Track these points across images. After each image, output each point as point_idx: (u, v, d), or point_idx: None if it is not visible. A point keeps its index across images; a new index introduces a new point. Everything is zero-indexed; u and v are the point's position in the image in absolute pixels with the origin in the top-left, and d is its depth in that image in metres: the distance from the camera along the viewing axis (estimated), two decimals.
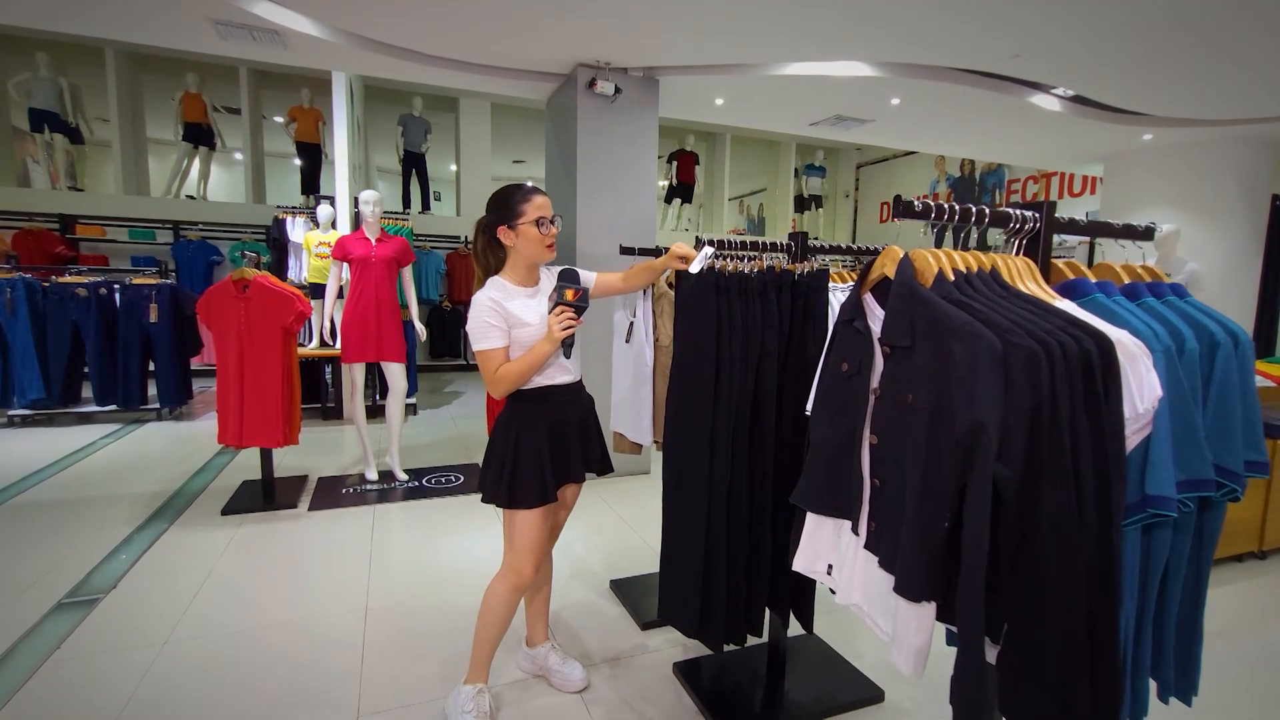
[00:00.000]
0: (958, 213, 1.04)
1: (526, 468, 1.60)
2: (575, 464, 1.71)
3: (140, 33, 3.43)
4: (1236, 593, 2.58)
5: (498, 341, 1.56)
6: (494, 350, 1.56)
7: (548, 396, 1.64)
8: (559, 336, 1.53)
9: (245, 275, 3.04)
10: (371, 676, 1.91)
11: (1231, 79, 3.64)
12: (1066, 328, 0.89)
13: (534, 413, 1.63)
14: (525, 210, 1.57)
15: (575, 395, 1.72)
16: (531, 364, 1.55)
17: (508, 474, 1.59)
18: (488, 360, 1.57)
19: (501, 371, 1.56)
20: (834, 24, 3.12)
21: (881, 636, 1.06)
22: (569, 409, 1.69)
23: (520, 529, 1.63)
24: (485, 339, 1.56)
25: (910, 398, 0.95)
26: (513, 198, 1.59)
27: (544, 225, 1.57)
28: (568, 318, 1.53)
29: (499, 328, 1.55)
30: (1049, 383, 0.85)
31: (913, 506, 0.92)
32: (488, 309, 1.55)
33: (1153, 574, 1.02)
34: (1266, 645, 2.20)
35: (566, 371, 1.67)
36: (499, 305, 1.55)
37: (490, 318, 1.55)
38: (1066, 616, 0.84)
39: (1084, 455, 0.86)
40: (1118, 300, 1.05)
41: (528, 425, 1.62)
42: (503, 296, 1.57)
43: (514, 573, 1.64)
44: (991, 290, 0.98)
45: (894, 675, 1.93)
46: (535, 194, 1.59)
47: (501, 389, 1.59)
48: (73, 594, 2.35)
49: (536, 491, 1.60)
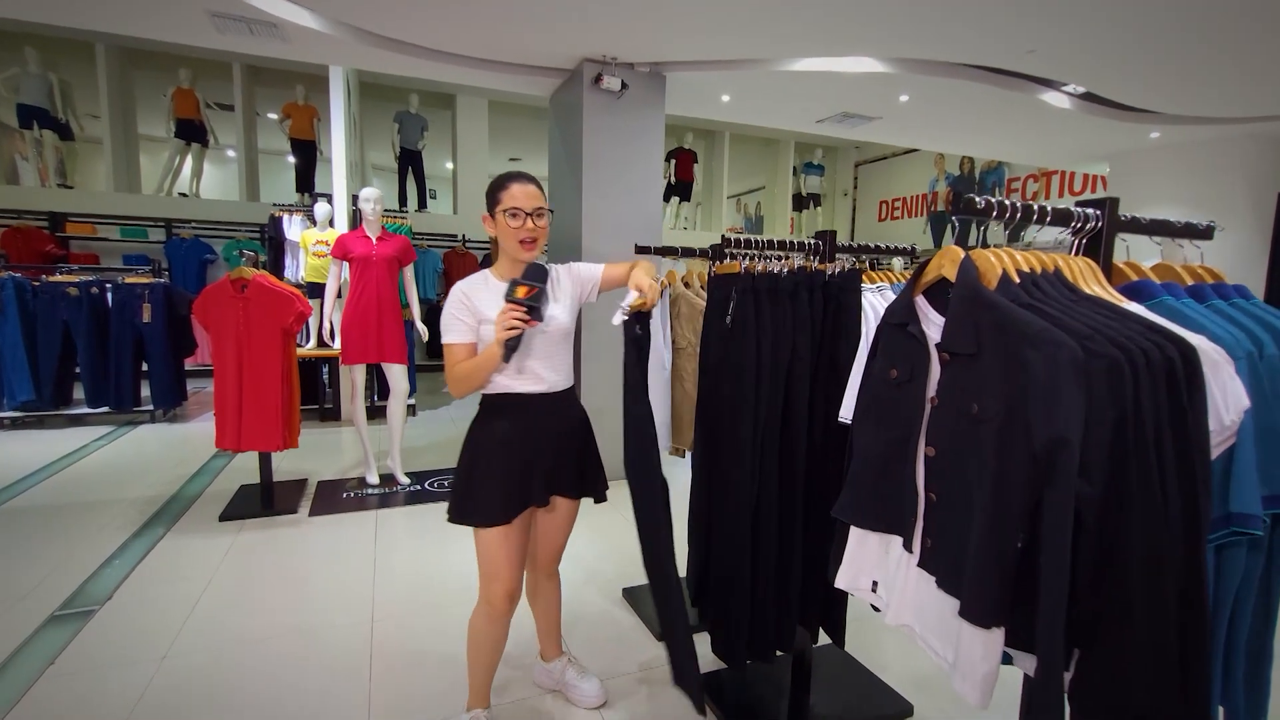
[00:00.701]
0: (1020, 211, 0.98)
1: (483, 482, 1.47)
2: (540, 484, 1.51)
3: (136, 26, 3.33)
4: None
5: (461, 336, 1.45)
6: (456, 346, 1.46)
7: (513, 405, 1.49)
8: (500, 337, 1.36)
9: (244, 275, 2.96)
10: (380, 692, 1.84)
11: (1241, 76, 3.61)
12: (1147, 334, 0.83)
13: (494, 421, 1.50)
14: (500, 199, 1.46)
15: (554, 406, 1.53)
16: (479, 366, 1.42)
17: (462, 487, 1.48)
18: (449, 355, 1.47)
19: (457, 369, 1.45)
20: (847, 19, 3.06)
21: (938, 661, 1.00)
22: (543, 420, 1.51)
23: (481, 551, 1.52)
24: (449, 332, 1.46)
25: (976, 408, 0.89)
26: (497, 184, 1.48)
27: (516, 216, 1.44)
28: (514, 318, 1.36)
29: (465, 322, 1.45)
30: (1133, 394, 0.79)
31: (982, 525, 0.86)
32: (456, 301, 1.46)
33: (1224, 596, 0.97)
34: None
35: (539, 379, 1.50)
36: (467, 298, 1.46)
37: (457, 310, 1.46)
38: (1155, 643, 0.78)
39: (1169, 471, 0.80)
40: (1186, 303, 0.99)
41: (486, 435, 1.50)
42: (475, 290, 1.47)
43: (484, 600, 1.54)
44: (1060, 293, 0.92)
45: (922, 688, 1.87)
46: (515, 181, 1.46)
47: (456, 388, 1.47)
48: (67, 605, 2.26)
49: (490, 510, 1.46)
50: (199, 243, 6.78)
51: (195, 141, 7.13)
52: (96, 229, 6.72)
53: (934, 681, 1.92)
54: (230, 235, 7.01)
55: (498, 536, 1.49)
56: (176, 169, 7.17)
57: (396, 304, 3.49)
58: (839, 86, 4.02)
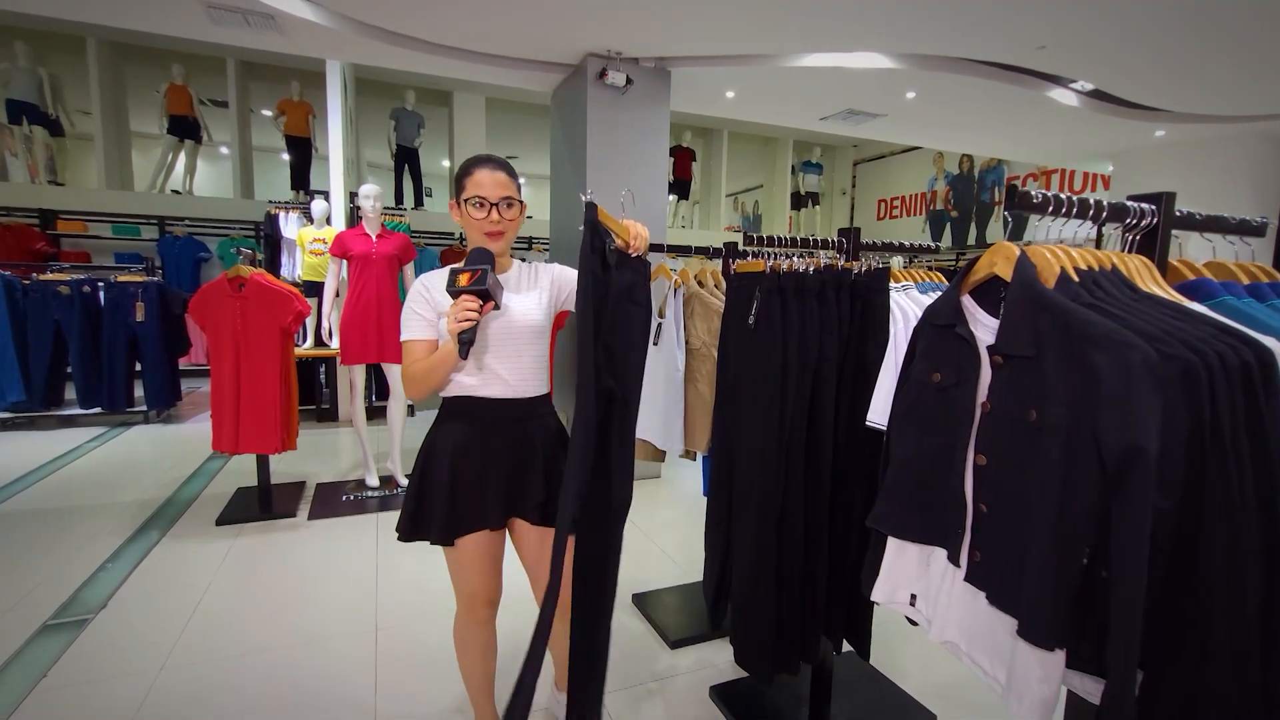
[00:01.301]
0: (1076, 205, 0.92)
1: (432, 494, 1.34)
2: (495, 504, 1.35)
3: (130, 19, 3.25)
4: None
5: (418, 332, 1.32)
6: (412, 342, 1.33)
7: (472, 409, 1.34)
8: (452, 330, 1.21)
9: (242, 273, 2.88)
10: (387, 704, 1.78)
11: (1248, 74, 3.58)
12: (1219, 336, 0.78)
13: (450, 426, 1.36)
14: (464, 186, 1.33)
15: (519, 414, 1.37)
16: (436, 364, 1.29)
17: (411, 499, 1.36)
18: (405, 353, 1.33)
19: (413, 368, 1.31)
20: (856, 13, 3.01)
21: (987, 681, 0.95)
22: (504, 432, 1.35)
23: (453, 570, 1.41)
24: (406, 328, 1.34)
25: (1034, 415, 0.84)
26: (462, 170, 1.35)
27: (479, 206, 1.30)
28: (465, 309, 1.20)
29: (423, 317, 1.33)
30: (1209, 400, 0.73)
31: (1043, 540, 0.81)
32: (415, 294, 1.34)
33: None
34: None
35: (502, 381, 1.34)
36: (427, 290, 1.34)
37: (415, 304, 1.34)
38: (1237, 668, 0.73)
39: (1247, 482, 0.75)
40: (1248, 302, 0.94)
41: (440, 441, 1.36)
42: (437, 283, 1.34)
43: (460, 606, 1.45)
44: (1123, 293, 0.86)
45: (944, 697, 1.83)
46: (481, 167, 1.32)
47: (411, 389, 1.34)
48: (59, 615, 2.19)
49: (435, 527, 1.33)
50: (193, 241, 6.69)
51: (188, 138, 7.03)
52: (88, 226, 6.61)
53: (956, 690, 1.87)
54: (225, 233, 6.92)
55: (457, 555, 1.38)
56: (170, 166, 7.07)
57: (396, 303, 3.42)
58: (845, 82, 3.98)
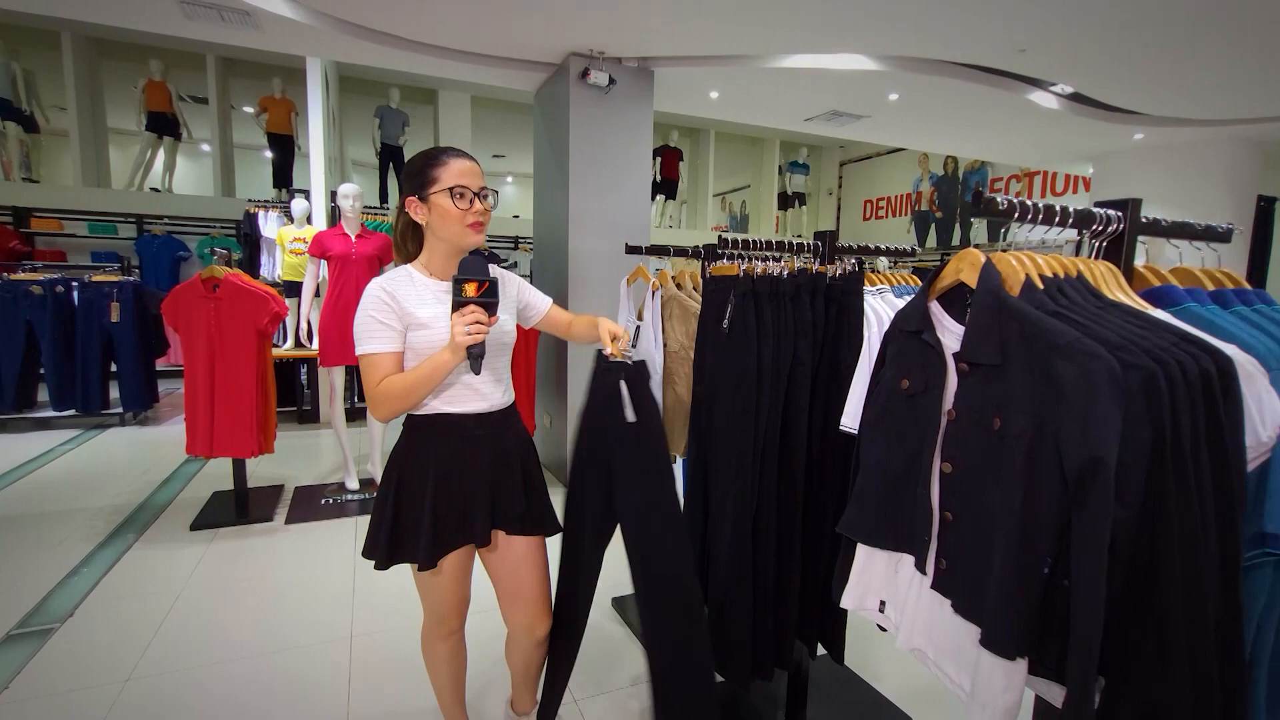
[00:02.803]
0: (1041, 212, 0.92)
1: (407, 521, 1.25)
2: (480, 521, 1.28)
3: (100, 12, 3.18)
4: None
5: (385, 344, 1.20)
6: (378, 356, 1.19)
7: (447, 428, 1.26)
8: (462, 343, 1.13)
9: (216, 274, 2.83)
10: (360, 710, 1.75)
11: (1223, 77, 3.62)
12: (1181, 345, 0.78)
13: (424, 448, 1.26)
14: (439, 176, 1.21)
15: (497, 428, 1.30)
16: (425, 378, 1.17)
17: (383, 524, 1.25)
18: (370, 369, 1.20)
19: (386, 385, 1.18)
20: (838, 14, 3.01)
21: (952, 688, 0.94)
22: (484, 444, 1.29)
23: (424, 591, 1.35)
24: (368, 340, 1.19)
25: (999, 423, 0.83)
26: (425, 162, 1.23)
27: (463, 196, 1.21)
28: (474, 319, 1.14)
29: (389, 327, 1.20)
30: (1170, 409, 0.73)
31: (1006, 549, 0.80)
32: (376, 302, 1.20)
33: (1248, 620, 0.92)
34: None
35: (479, 395, 1.27)
36: (392, 298, 1.20)
37: (377, 312, 1.19)
38: (1195, 674, 0.73)
39: (1206, 491, 0.75)
40: (1212, 309, 0.95)
41: (415, 464, 1.26)
42: (400, 287, 1.22)
43: (435, 634, 1.41)
44: (1087, 300, 0.86)
45: (921, 701, 1.83)
46: (455, 157, 1.24)
47: (384, 409, 1.20)
48: (24, 624, 2.14)
49: (415, 552, 1.25)
50: (172, 239, 6.58)
51: (167, 135, 6.90)
52: (63, 225, 6.48)
53: (932, 694, 1.88)
54: (204, 232, 6.81)
55: (439, 579, 1.32)
56: (148, 163, 6.95)
57: None
58: (829, 84, 3.98)
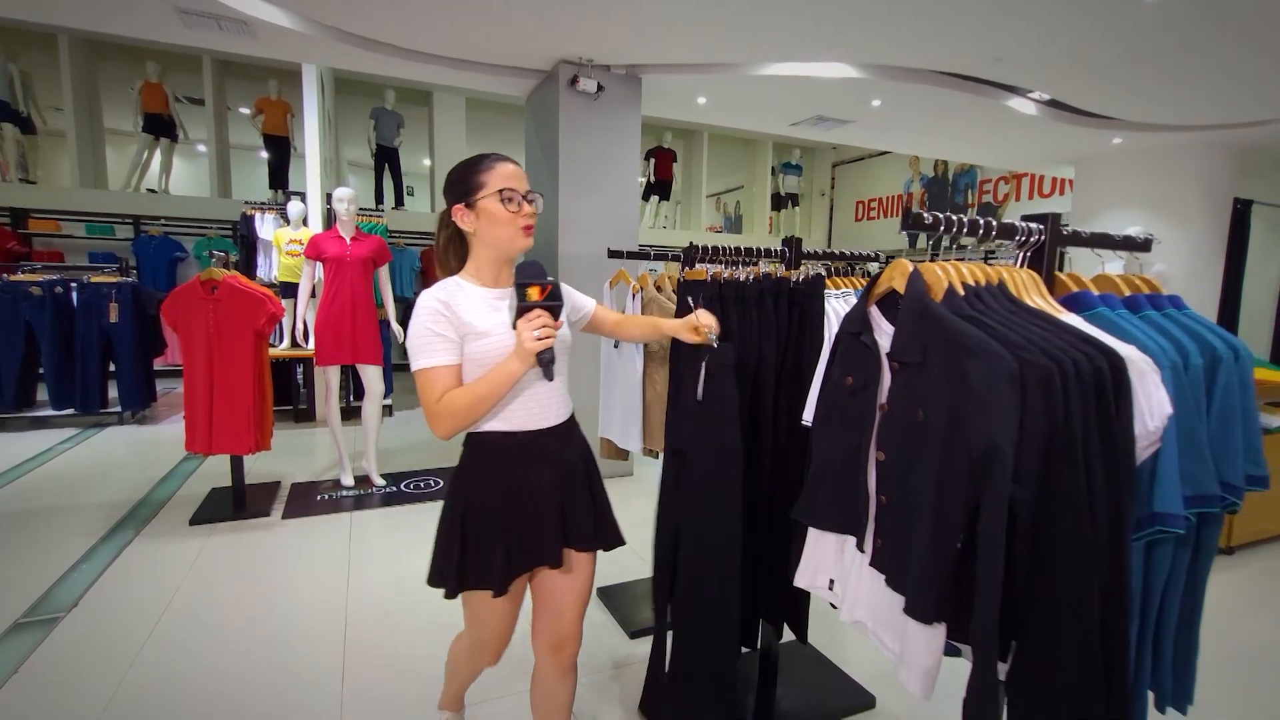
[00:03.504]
0: (965, 225, 1.02)
1: (476, 548, 1.19)
2: (552, 540, 1.23)
3: (101, 21, 3.27)
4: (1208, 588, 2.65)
5: (444, 357, 1.14)
6: (438, 370, 1.13)
7: (514, 445, 1.20)
8: (532, 349, 1.08)
9: (214, 276, 2.92)
10: (353, 699, 1.84)
11: (1197, 85, 3.74)
12: (1078, 344, 0.88)
13: (491, 468, 1.21)
14: (486, 181, 1.17)
15: (560, 443, 1.26)
16: (493, 390, 1.12)
17: (456, 553, 1.19)
18: (429, 384, 1.13)
19: (448, 400, 1.12)
20: (817, 25, 3.11)
21: (888, 655, 1.04)
22: (550, 462, 1.23)
23: (474, 615, 1.29)
24: (426, 354, 1.13)
25: (921, 415, 0.93)
26: (470, 169, 1.19)
27: (512, 200, 1.17)
28: (542, 323, 1.09)
29: (446, 338, 1.14)
30: (1063, 402, 0.83)
31: (924, 526, 0.91)
32: (431, 313, 1.14)
33: (1153, 589, 1.03)
34: (1237, 640, 2.26)
35: (543, 409, 1.22)
36: (448, 308, 1.15)
37: (435, 324, 1.14)
38: (1081, 637, 0.83)
39: (1097, 475, 0.85)
40: (1121, 314, 1.05)
41: (482, 486, 1.20)
42: (454, 296, 1.18)
43: (474, 651, 1.38)
44: (1002, 305, 0.96)
45: (885, 681, 1.93)
46: (499, 161, 1.20)
47: (447, 425, 1.14)
48: (30, 613, 2.23)
49: (489, 578, 1.20)
50: (168, 240, 6.65)
51: (164, 136, 6.97)
52: (61, 226, 6.55)
53: (895, 674, 1.98)
54: (201, 233, 6.89)
55: (493, 604, 1.24)
56: (145, 164, 7.02)
57: (371, 305, 3.48)
58: (812, 90, 4.08)
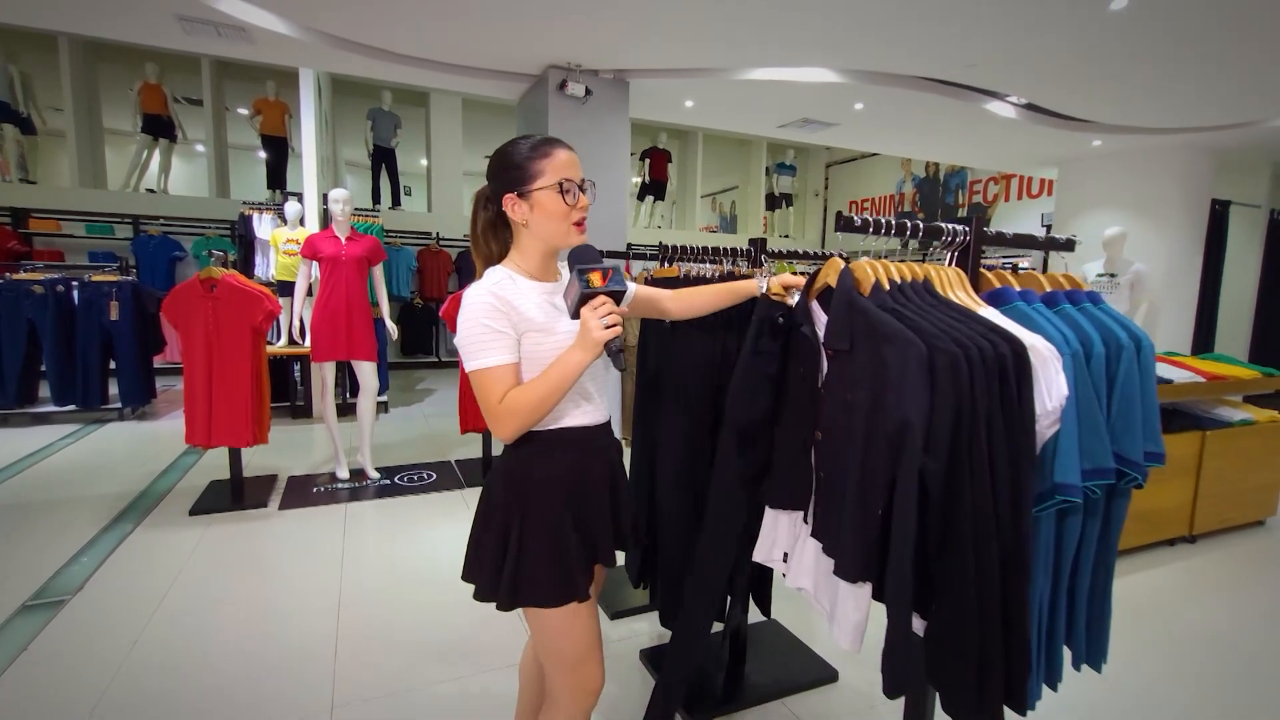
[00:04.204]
0: (894, 227, 1.13)
1: (541, 552, 1.08)
2: (606, 538, 1.16)
3: (103, 28, 3.37)
4: (1168, 574, 2.77)
5: (504, 355, 1.04)
6: (499, 369, 1.03)
7: (571, 442, 1.12)
8: (601, 338, 0.99)
9: (213, 274, 3.02)
10: (345, 670, 1.95)
11: (1165, 91, 3.85)
12: (986, 333, 0.99)
13: (552, 466, 1.11)
14: (543, 170, 1.07)
15: (608, 438, 1.20)
16: (557, 385, 1.02)
17: (511, 562, 1.08)
18: (491, 384, 1.03)
19: (512, 399, 1.03)
20: (798, 32, 3.22)
21: (823, 615, 1.15)
22: (601, 459, 1.17)
23: (557, 633, 1.11)
24: (484, 353, 1.03)
25: (850, 397, 1.04)
26: (525, 155, 1.08)
27: (570, 192, 1.07)
28: (609, 309, 1.01)
29: (505, 335, 1.04)
30: (968, 384, 0.94)
31: (851, 496, 1.01)
32: (487, 309, 1.04)
33: (1065, 554, 1.14)
34: (1188, 621, 2.38)
35: (594, 404, 1.15)
36: (505, 302, 1.05)
37: (491, 320, 1.03)
38: (982, 595, 0.94)
39: (999, 448, 0.96)
40: (1037, 308, 1.15)
41: (542, 488, 1.10)
42: (509, 292, 1.06)
43: (579, 694, 1.14)
44: (922, 299, 1.07)
45: (848, 656, 2.04)
46: (559, 147, 1.09)
47: (512, 426, 1.04)
48: (38, 596, 2.33)
49: (559, 583, 1.08)
50: (167, 240, 6.74)
51: (163, 137, 7.07)
52: (61, 225, 6.65)
53: (863, 653, 2.09)
54: (200, 232, 6.98)
55: (576, 613, 1.11)
56: (144, 165, 7.11)
57: (366, 303, 3.58)
58: (796, 94, 4.19)
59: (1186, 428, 2.96)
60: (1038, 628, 1.12)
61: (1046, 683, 1.16)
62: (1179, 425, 2.98)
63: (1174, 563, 2.88)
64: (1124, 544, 2.81)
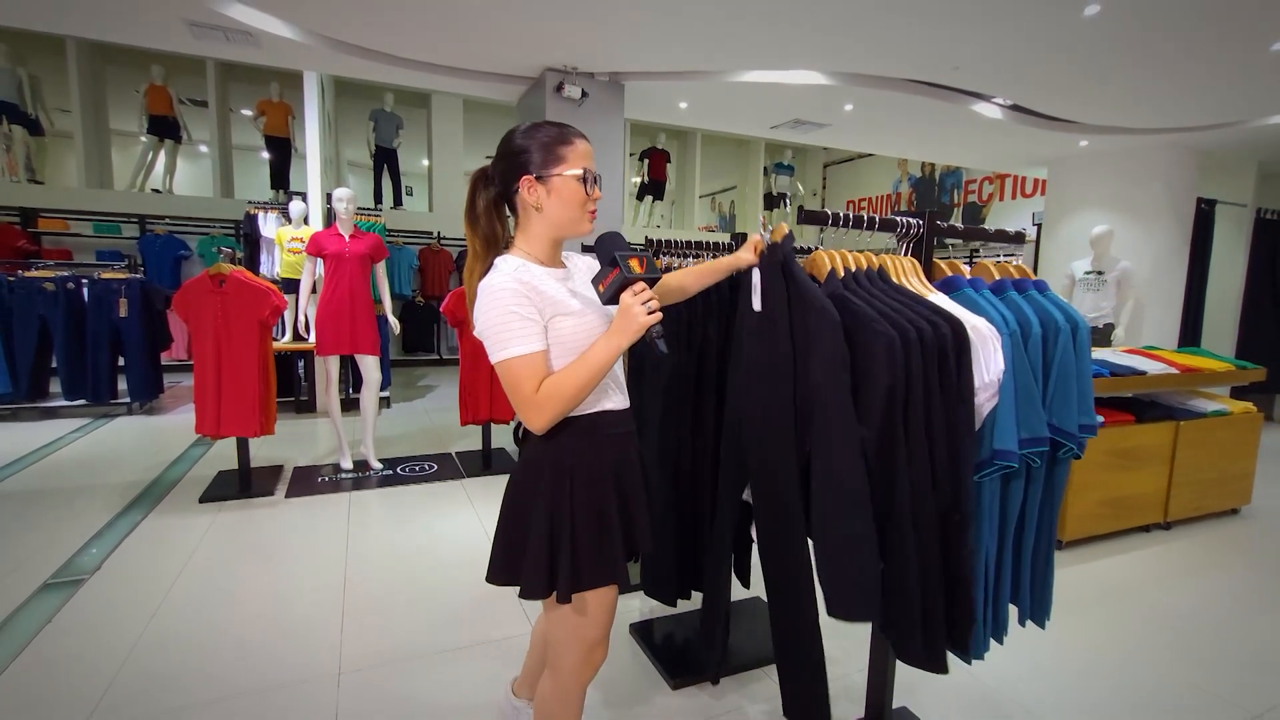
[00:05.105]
0: (852, 220, 1.24)
1: (591, 535, 1.08)
2: (644, 522, 1.17)
3: (113, 33, 3.49)
4: (1141, 558, 2.87)
5: (535, 343, 1.02)
6: (531, 357, 1.01)
7: (606, 426, 1.12)
8: (645, 323, 1.00)
9: (222, 270, 3.14)
10: (350, 639, 2.07)
11: (1145, 91, 3.95)
12: (930, 315, 1.10)
13: (593, 452, 1.11)
14: (566, 156, 1.07)
15: (632, 429, 1.20)
16: (596, 371, 1.02)
17: (567, 552, 1.07)
18: (524, 372, 1.01)
19: (551, 386, 1.01)
20: (788, 36, 3.33)
21: None
22: (631, 446, 1.18)
23: (588, 617, 1.13)
24: (516, 341, 1.01)
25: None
26: (555, 139, 1.08)
27: (591, 183, 1.10)
28: (649, 295, 1.02)
29: (534, 321, 1.02)
30: (905, 361, 1.05)
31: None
32: (515, 296, 1.01)
33: (1009, 517, 1.25)
34: (1156, 603, 2.48)
35: (620, 390, 1.17)
36: (531, 288, 1.03)
37: (519, 307, 1.01)
38: (921, 548, 1.05)
39: (937, 416, 1.07)
40: (984, 294, 1.27)
41: (584, 472, 1.09)
42: (542, 276, 1.07)
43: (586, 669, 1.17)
44: (875, 285, 1.18)
45: (827, 629, 2.14)
46: (579, 137, 1.10)
47: (549, 414, 1.02)
48: (58, 575, 2.45)
49: (611, 566, 1.10)
50: (173, 239, 6.87)
51: (168, 138, 7.20)
52: (69, 225, 6.77)
53: (838, 625, 2.19)
54: (205, 231, 7.11)
55: (609, 597, 1.13)
56: (149, 165, 7.24)
57: (369, 299, 3.69)
58: (788, 96, 4.30)
59: (1161, 418, 3.07)
60: (984, 587, 1.23)
61: (994, 636, 1.27)
62: (1154, 415, 3.08)
63: (1148, 548, 2.98)
64: (1099, 529, 2.94)
